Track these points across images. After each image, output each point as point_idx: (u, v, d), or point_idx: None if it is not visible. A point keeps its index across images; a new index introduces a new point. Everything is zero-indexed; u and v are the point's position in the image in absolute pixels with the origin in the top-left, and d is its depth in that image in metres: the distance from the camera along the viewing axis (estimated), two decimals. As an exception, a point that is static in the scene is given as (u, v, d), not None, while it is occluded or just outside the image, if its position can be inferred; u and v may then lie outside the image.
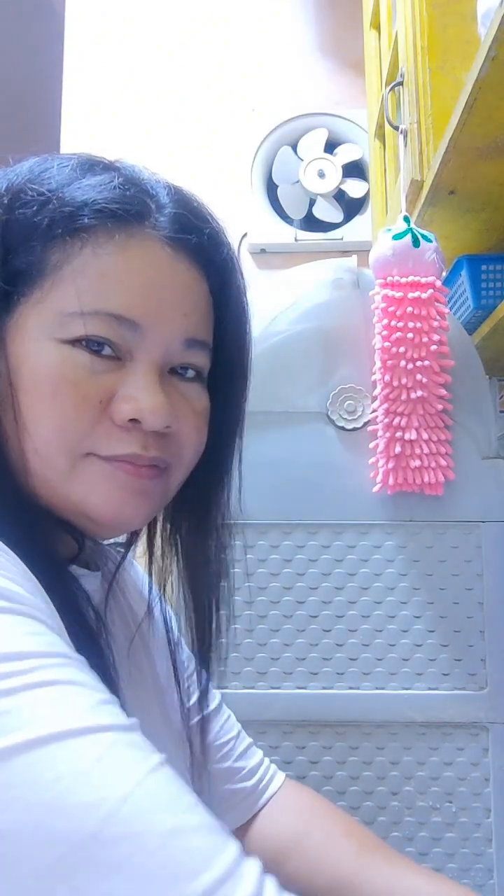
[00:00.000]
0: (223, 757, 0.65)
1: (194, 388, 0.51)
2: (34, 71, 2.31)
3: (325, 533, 0.91)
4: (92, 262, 0.46)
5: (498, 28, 0.66)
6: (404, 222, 0.90)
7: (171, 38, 1.75)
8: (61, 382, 0.45)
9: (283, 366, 0.93)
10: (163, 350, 0.48)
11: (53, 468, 0.46)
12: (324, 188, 1.63)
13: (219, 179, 1.69)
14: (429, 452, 0.89)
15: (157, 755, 0.35)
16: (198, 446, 0.51)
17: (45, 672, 0.34)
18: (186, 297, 0.49)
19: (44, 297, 0.46)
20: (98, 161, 0.51)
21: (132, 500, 0.47)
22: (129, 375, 0.47)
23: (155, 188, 0.50)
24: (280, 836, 0.63)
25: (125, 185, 0.48)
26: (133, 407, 0.46)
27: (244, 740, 0.68)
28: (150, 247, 0.48)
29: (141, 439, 0.47)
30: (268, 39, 1.75)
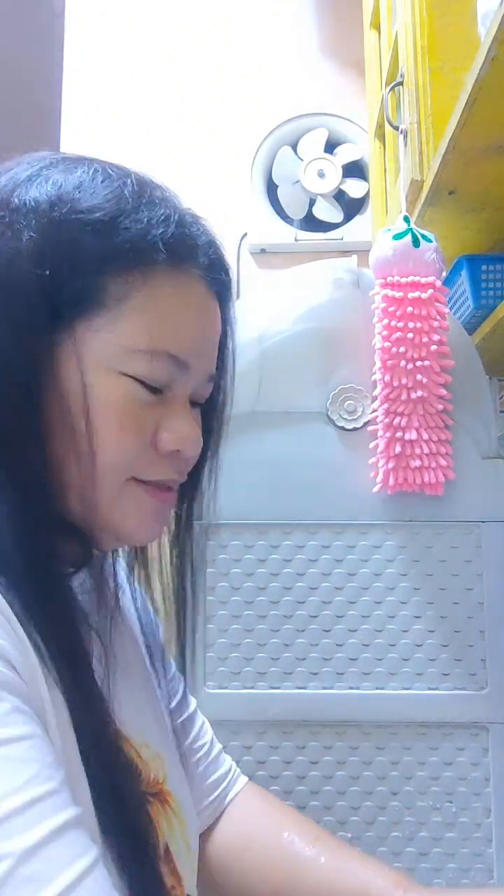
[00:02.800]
0: (199, 760, 0.67)
1: (197, 411, 0.54)
2: (34, 71, 2.31)
3: (325, 533, 0.91)
4: (154, 300, 0.48)
5: (498, 28, 0.66)
6: (404, 222, 0.90)
7: (171, 38, 1.75)
8: (126, 414, 0.48)
9: (283, 366, 0.93)
10: (195, 384, 0.52)
11: (102, 490, 0.48)
12: (324, 188, 1.63)
13: (219, 179, 1.69)
14: (429, 452, 0.89)
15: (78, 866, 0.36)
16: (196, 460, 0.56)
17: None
18: (216, 337, 0.54)
19: (105, 326, 0.47)
20: (146, 186, 0.51)
21: (161, 523, 0.53)
22: (171, 408, 0.50)
23: (196, 226, 0.53)
24: (232, 838, 0.66)
25: (180, 223, 0.50)
26: (177, 438, 0.50)
27: (216, 746, 0.70)
28: (198, 287, 0.51)
29: (178, 466, 0.52)
30: (268, 39, 1.75)
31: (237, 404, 0.93)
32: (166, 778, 0.55)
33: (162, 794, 0.54)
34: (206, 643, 0.89)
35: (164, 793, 0.54)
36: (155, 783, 0.53)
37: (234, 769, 0.71)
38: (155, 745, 0.55)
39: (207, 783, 0.67)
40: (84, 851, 0.37)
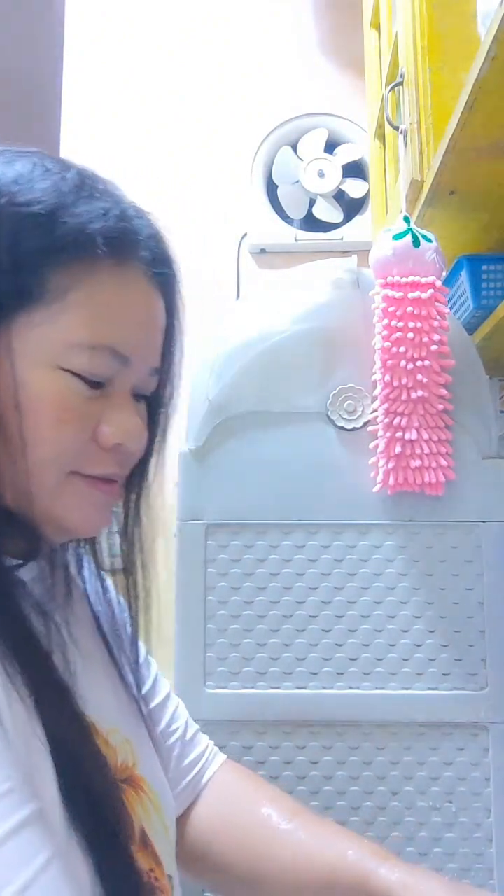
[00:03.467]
0: (174, 744, 0.67)
1: (143, 406, 0.55)
2: (34, 71, 2.31)
3: (325, 533, 0.91)
4: (95, 294, 0.48)
5: (498, 28, 0.66)
6: (404, 222, 0.90)
7: (171, 38, 1.75)
8: (64, 410, 0.48)
9: (283, 366, 0.93)
10: (137, 379, 0.52)
11: (41, 485, 0.48)
12: (324, 188, 1.63)
13: (219, 179, 1.70)
14: (429, 452, 0.89)
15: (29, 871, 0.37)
16: (141, 455, 0.56)
17: None
18: (160, 331, 0.54)
19: (45, 320, 0.47)
20: (88, 179, 0.50)
21: (105, 515, 0.53)
22: (113, 402, 0.50)
23: (140, 220, 0.52)
24: (210, 817, 0.67)
25: (121, 216, 0.49)
26: (119, 432, 0.50)
27: (192, 727, 0.71)
28: (140, 282, 0.51)
29: (121, 460, 0.52)
30: (268, 39, 1.75)
31: (237, 404, 0.93)
32: (136, 763, 0.55)
33: (133, 779, 0.54)
34: (206, 643, 0.89)
35: (135, 778, 0.54)
36: (125, 768, 0.54)
37: (211, 749, 0.71)
38: (123, 730, 0.55)
39: (184, 765, 0.68)
40: (38, 851, 0.38)
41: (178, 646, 0.90)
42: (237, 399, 0.93)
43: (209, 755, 0.71)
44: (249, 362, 0.93)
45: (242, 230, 1.67)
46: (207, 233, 1.68)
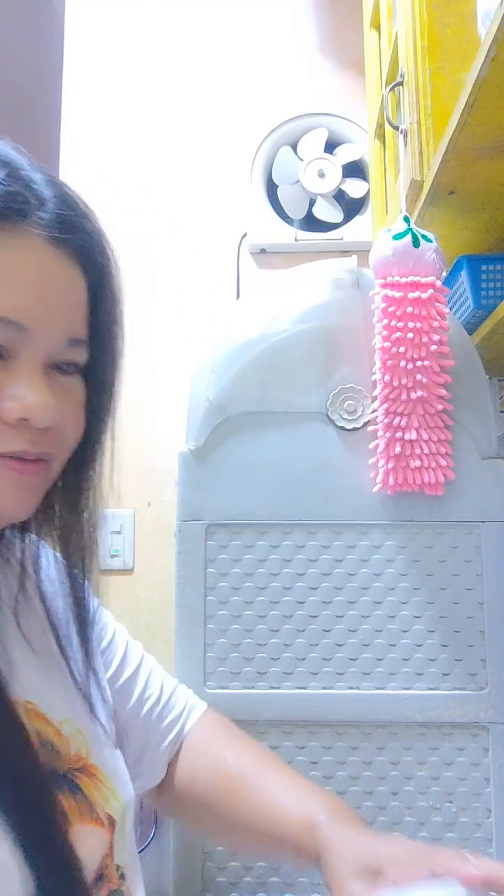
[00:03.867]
0: (150, 709, 0.69)
1: (73, 380, 0.52)
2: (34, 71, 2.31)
3: (325, 533, 0.91)
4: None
5: (498, 28, 0.66)
6: (404, 222, 0.90)
7: (170, 38, 1.75)
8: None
9: (283, 366, 0.93)
10: (47, 350, 0.49)
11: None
12: (324, 188, 1.63)
13: (219, 179, 1.69)
14: (429, 452, 0.89)
15: None
16: (77, 436, 0.53)
17: None
18: (69, 297, 0.50)
19: None
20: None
21: (22, 496, 0.50)
22: (16, 375, 0.48)
23: (37, 183, 0.49)
24: (184, 768, 0.69)
25: (8, 181, 0.47)
26: (22, 406, 0.47)
27: (168, 688, 0.72)
28: (34, 246, 0.48)
29: (29, 436, 0.48)
30: (268, 39, 1.75)
31: (237, 404, 0.93)
32: (90, 752, 0.55)
33: (88, 769, 0.54)
34: (206, 643, 0.89)
35: (89, 767, 0.55)
36: (78, 758, 0.54)
37: (189, 703, 0.73)
38: (75, 721, 0.55)
39: (164, 726, 0.69)
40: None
41: (178, 646, 0.90)
42: (237, 399, 0.93)
43: (188, 709, 0.72)
44: (249, 362, 0.93)
45: (242, 230, 1.67)
46: (207, 233, 1.68)
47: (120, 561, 1.54)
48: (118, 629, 0.71)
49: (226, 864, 0.87)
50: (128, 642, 0.71)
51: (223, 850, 0.87)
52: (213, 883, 0.87)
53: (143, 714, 0.68)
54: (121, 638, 0.70)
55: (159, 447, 1.55)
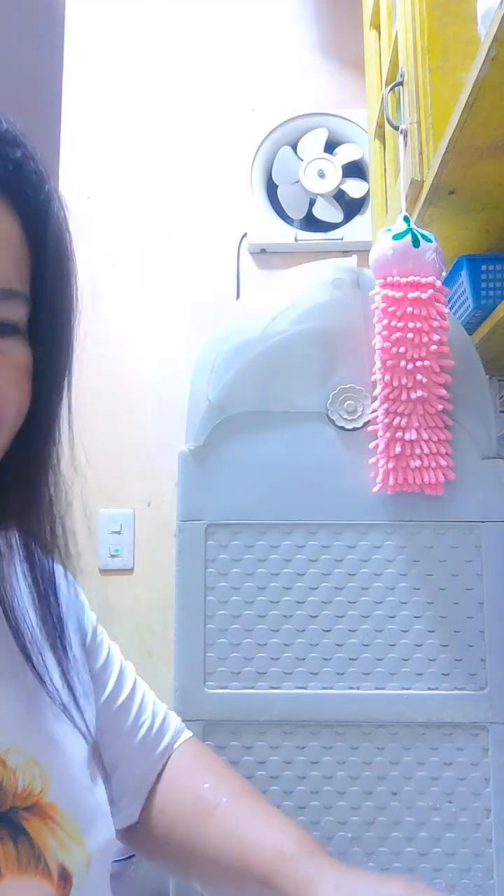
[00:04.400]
0: (143, 738, 0.64)
1: (12, 343, 0.45)
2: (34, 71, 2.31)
3: (325, 533, 0.91)
4: None
5: (498, 28, 0.66)
6: (404, 222, 0.90)
7: (170, 38, 1.75)
8: None
9: (283, 366, 0.93)
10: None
11: None
12: (324, 188, 1.63)
13: (219, 179, 1.69)
14: (429, 452, 0.89)
15: None
16: (20, 406, 0.46)
17: None
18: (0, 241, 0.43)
19: None
20: None
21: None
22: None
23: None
24: (161, 798, 0.64)
25: None
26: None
27: (159, 716, 0.67)
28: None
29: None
30: (268, 39, 1.75)
31: (237, 404, 0.93)
32: (47, 787, 0.47)
33: (40, 808, 0.46)
34: (206, 643, 0.89)
35: (42, 806, 0.46)
36: (27, 795, 0.46)
37: (176, 732, 0.68)
38: (28, 750, 0.47)
39: (155, 756, 0.65)
40: None
41: (178, 646, 0.90)
42: (237, 399, 0.93)
43: (173, 739, 0.68)
44: (249, 362, 0.93)
45: (242, 230, 1.67)
46: (207, 233, 1.68)
47: (120, 561, 1.54)
48: (113, 648, 0.66)
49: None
50: (122, 663, 0.67)
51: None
52: (213, 883, 0.87)
53: (137, 742, 0.63)
54: (115, 658, 0.66)
55: (159, 447, 1.55)
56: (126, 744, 0.63)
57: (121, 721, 0.63)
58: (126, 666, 0.67)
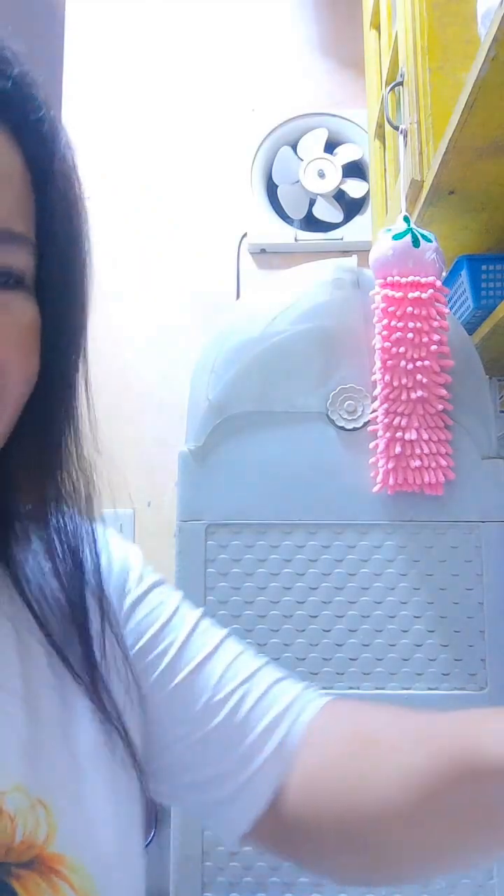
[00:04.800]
0: (228, 715, 0.47)
1: (16, 297, 0.38)
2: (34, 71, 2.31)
3: (325, 533, 0.91)
4: None
5: (498, 28, 0.66)
6: (404, 222, 0.90)
7: (170, 38, 1.75)
8: None
9: (283, 366, 0.93)
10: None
11: None
12: (324, 188, 1.63)
13: (219, 179, 1.69)
14: (429, 452, 0.88)
15: None
16: (28, 374, 0.39)
17: None
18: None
19: None
20: None
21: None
22: None
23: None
24: (305, 788, 0.45)
25: None
26: None
27: (263, 679, 0.49)
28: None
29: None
30: (268, 39, 1.75)
31: (237, 404, 0.93)
32: (53, 834, 0.38)
33: (42, 861, 0.37)
34: (206, 643, 0.89)
35: (45, 858, 0.37)
36: (28, 846, 0.37)
37: (299, 698, 0.49)
38: (35, 788, 0.38)
39: (257, 733, 0.46)
40: None
41: None
42: (237, 399, 0.93)
43: (298, 706, 0.48)
44: (249, 362, 0.93)
45: (242, 230, 1.67)
46: (207, 233, 1.68)
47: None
48: (181, 608, 0.51)
49: (226, 865, 0.87)
50: (195, 624, 0.50)
51: (223, 849, 0.87)
52: (213, 883, 0.87)
53: (217, 724, 0.46)
54: (181, 619, 0.50)
55: (159, 447, 1.55)
56: (194, 731, 0.46)
57: (182, 702, 0.47)
58: (203, 628, 0.51)
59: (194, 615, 0.51)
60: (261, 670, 0.50)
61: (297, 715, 0.48)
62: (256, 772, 0.45)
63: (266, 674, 0.50)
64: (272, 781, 0.45)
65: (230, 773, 0.46)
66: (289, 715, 0.48)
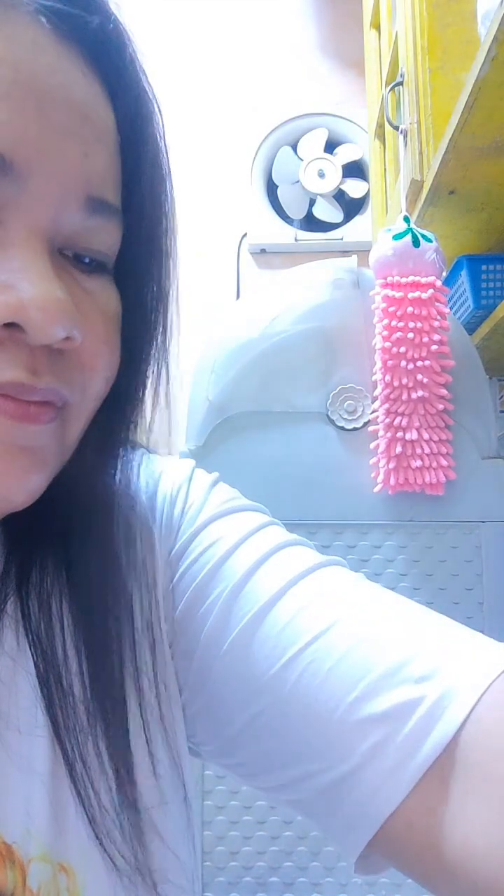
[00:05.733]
0: (340, 706, 0.32)
1: (102, 282, 0.32)
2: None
3: (325, 533, 0.91)
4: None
5: (498, 28, 0.66)
6: (404, 222, 0.90)
7: (170, 38, 1.75)
8: None
9: (283, 366, 0.93)
10: (52, 211, 0.29)
11: None
12: (324, 188, 1.63)
13: (219, 179, 1.70)
14: (429, 452, 0.89)
15: None
16: (110, 370, 0.33)
17: None
18: (86, 120, 0.29)
19: None
20: None
21: (17, 461, 0.29)
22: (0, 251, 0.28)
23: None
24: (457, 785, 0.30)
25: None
26: (10, 301, 0.27)
27: (386, 657, 0.32)
28: (22, 26, 0.28)
29: (25, 358, 0.28)
30: (268, 39, 1.75)
31: (237, 404, 0.93)
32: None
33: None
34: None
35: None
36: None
37: (450, 680, 0.31)
38: (57, 853, 0.32)
39: (367, 732, 0.31)
40: None
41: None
42: (237, 399, 0.93)
43: (444, 693, 0.31)
44: (249, 362, 0.93)
45: (242, 230, 1.67)
46: (207, 233, 1.68)
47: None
48: (246, 542, 0.38)
49: (226, 864, 0.87)
50: (260, 560, 0.37)
51: (223, 849, 0.87)
52: (213, 883, 0.87)
53: (325, 713, 0.32)
54: (237, 560, 0.37)
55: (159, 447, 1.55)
56: (269, 722, 0.34)
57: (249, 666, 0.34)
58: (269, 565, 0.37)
59: (263, 546, 0.38)
60: (398, 635, 0.33)
61: (440, 711, 0.31)
62: (370, 783, 0.31)
63: (398, 644, 0.33)
64: (390, 799, 0.31)
65: (343, 776, 0.32)
66: (417, 709, 0.31)
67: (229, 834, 0.87)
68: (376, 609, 0.35)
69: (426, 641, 0.33)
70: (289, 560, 0.38)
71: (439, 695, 0.30)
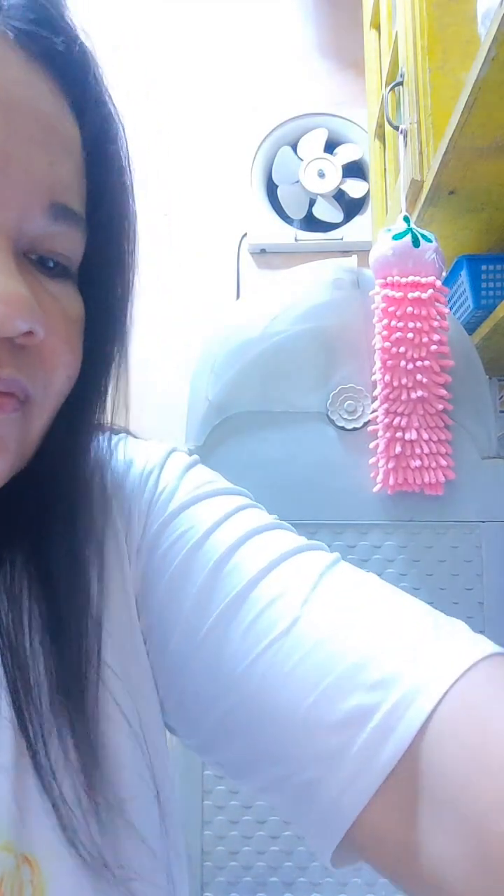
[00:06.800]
0: (316, 705, 0.32)
1: (65, 286, 0.34)
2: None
3: (325, 533, 0.91)
4: None
5: (498, 28, 0.66)
6: (404, 222, 0.90)
7: (171, 38, 1.75)
8: None
9: (283, 366, 0.93)
10: (17, 214, 0.30)
11: None
12: (324, 188, 1.63)
13: (219, 179, 1.70)
14: (429, 452, 0.89)
15: None
16: (71, 369, 0.34)
17: None
18: (52, 131, 0.32)
19: None
20: None
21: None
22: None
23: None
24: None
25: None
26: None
27: (374, 651, 0.32)
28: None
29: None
30: (268, 39, 1.75)
31: (237, 404, 0.93)
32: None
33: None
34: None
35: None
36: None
37: (423, 677, 0.31)
38: (22, 843, 0.32)
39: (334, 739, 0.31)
40: None
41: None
42: (237, 399, 0.93)
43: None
44: (249, 362, 0.93)
45: (242, 230, 1.68)
46: (207, 233, 1.68)
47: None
48: (221, 526, 0.38)
49: (226, 864, 0.87)
50: (233, 545, 0.37)
51: (223, 849, 0.87)
52: (213, 883, 0.87)
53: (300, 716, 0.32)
54: (213, 545, 0.37)
55: (159, 447, 1.55)
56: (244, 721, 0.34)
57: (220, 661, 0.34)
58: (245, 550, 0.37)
59: (234, 533, 0.37)
60: (388, 624, 0.33)
61: (408, 704, 0.30)
62: (343, 787, 0.31)
63: (383, 635, 0.33)
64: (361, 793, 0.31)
65: (312, 781, 0.32)
66: (383, 704, 0.31)
67: (229, 834, 0.87)
68: (347, 601, 0.34)
69: (392, 639, 0.32)
70: (264, 546, 0.37)
71: (397, 700, 0.30)
